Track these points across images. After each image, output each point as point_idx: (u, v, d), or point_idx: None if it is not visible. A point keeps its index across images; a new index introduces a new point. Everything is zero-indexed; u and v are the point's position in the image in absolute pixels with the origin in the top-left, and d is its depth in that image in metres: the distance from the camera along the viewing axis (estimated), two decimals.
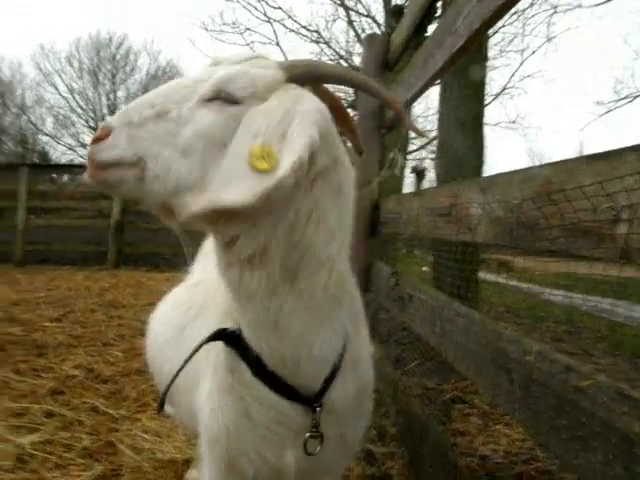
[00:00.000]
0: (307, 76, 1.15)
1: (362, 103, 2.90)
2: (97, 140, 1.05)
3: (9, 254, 10.82)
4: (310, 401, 1.18)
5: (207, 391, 1.34)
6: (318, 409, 1.17)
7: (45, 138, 35.91)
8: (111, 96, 34.82)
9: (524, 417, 1.13)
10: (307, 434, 1.18)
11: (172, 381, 1.32)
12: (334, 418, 1.23)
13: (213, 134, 1.04)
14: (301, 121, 1.00)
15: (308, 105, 1.04)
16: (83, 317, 5.65)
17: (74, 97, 34.75)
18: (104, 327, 5.24)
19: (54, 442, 2.71)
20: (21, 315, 5.59)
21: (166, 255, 9.81)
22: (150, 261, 10.47)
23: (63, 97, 34.69)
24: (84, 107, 34.85)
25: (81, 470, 2.47)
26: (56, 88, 34.59)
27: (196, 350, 1.28)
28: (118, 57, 35.19)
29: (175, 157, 1.03)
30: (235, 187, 0.96)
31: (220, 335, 1.24)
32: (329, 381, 1.18)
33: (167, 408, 2.26)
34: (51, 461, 2.54)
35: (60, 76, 34.62)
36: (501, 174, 1.37)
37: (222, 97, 1.06)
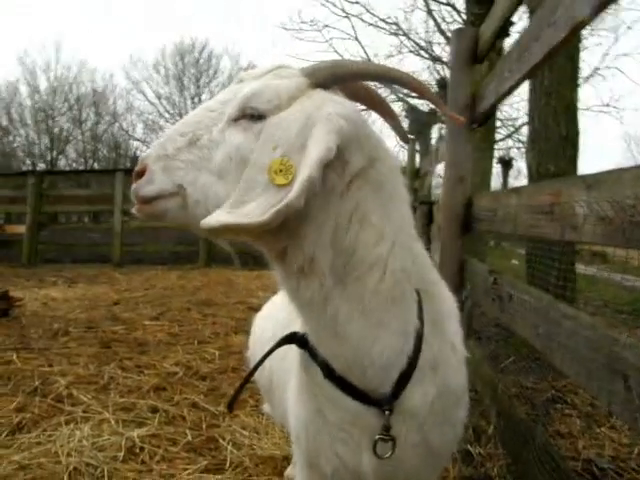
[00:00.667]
0: (331, 78, 1.13)
1: (451, 98, 2.85)
2: (138, 175, 1.12)
3: (108, 255, 11.50)
4: (381, 404, 1.14)
5: (293, 388, 1.37)
6: (387, 412, 1.13)
7: (136, 143, 37.82)
8: (196, 99, 36.04)
9: None
10: (376, 436, 1.15)
11: (245, 382, 1.35)
12: (413, 423, 1.18)
13: (243, 153, 1.05)
14: (319, 131, 0.98)
15: (330, 109, 1.02)
16: (179, 315, 5.93)
17: (161, 102, 36.36)
18: (200, 325, 5.46)
19: (160, 436, 2.86)
20: (122, 314, 5.94)
21: (255, 253, 10.06)
22: (240, 259, 10.76)
23: (151, 103, 36.40)
24: (171, 112, 36.32)
25: (187, 464, 2.59)
26: (145, 95, 36.37)
27: (269, 353, 1.30)
28: (201, 61, 36.40)
29: (212, 180, 1.08)
30: (252, 202, 0.97)
31: (291, 338, 1.26)
32: (401, 384, 1.14)
33: (265, 407, 2.33)
34: (158, 454, 2.68)
35: (148, 83, 36.29)
36: (609, 171, 1.30)
37: (248, 114, 1.08)
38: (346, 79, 1.16)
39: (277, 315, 1.82)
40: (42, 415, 3.10)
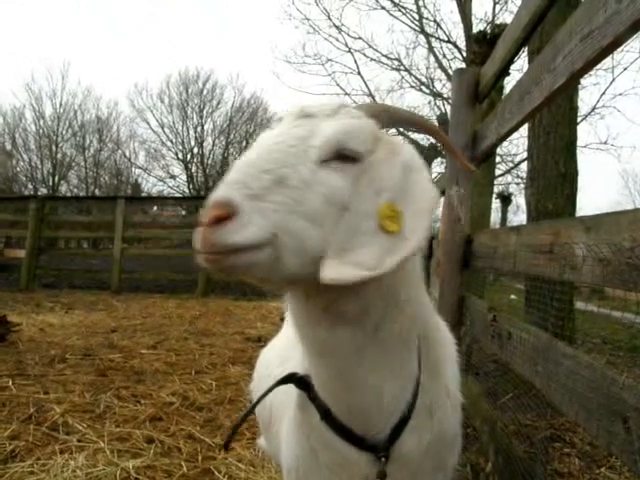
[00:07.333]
0: (391, 121, 1.16)
1: (452, 137, 2.90)
2: (218, 219, 0.85)
3: (106, 282, 11.48)
4: (376, 450, 1.13)
5: (288, 425, 1.36)
6: (383, 459, 1.12)
7: (138, 171, 38.03)
8: (198, 129, 36.39)
9: None
10: None
11: (241, 422, 1.33)
12: (406, 470, 1.18)
13: (342, 197, 0.96)
14: (421, 178, 1.00)
15: (416, 156, 1.04)
16: (177, 345, 5.89)
17: (164, 131, 36.62)
18: (197, 355, 5.43)
19: (155, 467, 2.82)
20: (120, 342, 5.91)
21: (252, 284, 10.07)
22: (238, 289, 10.77)
23: (154, 131, 36.65)
24: (173, 140, 36.60)
25: None
26: (148, 123, 36.65)
27: (268, 392, 1.29)
28: (205, 92, 36.79)
29: (306, 226, 0.92)
30: (359, 249, 0.94)
31: (290, 379, 1.25)
32: (397, 430, 1.13)
33: (259, 441, 2.31)
34: None
35: (152, 112, 36.65)
36: (608, 214, 1.33)
37: (340, 155, 0.99)
38: (400, 124, 1.23)
39: (279, 348, 1.81)
40: (36, 443, 3.06)
